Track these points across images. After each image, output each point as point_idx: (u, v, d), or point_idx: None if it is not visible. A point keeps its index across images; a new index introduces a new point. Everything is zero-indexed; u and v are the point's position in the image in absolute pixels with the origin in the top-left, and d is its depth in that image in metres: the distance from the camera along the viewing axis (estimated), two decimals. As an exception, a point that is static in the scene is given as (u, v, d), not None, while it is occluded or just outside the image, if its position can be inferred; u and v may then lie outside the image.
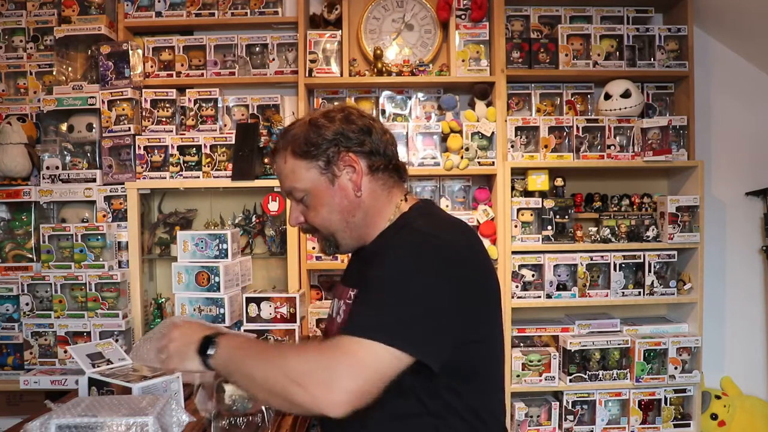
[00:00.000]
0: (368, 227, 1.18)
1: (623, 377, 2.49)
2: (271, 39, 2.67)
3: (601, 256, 2.52)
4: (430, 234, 1.06)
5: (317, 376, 0.91)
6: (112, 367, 1.43)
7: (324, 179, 1.15)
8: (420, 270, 1.01)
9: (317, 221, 1.18)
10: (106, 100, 2.55)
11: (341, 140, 1.13)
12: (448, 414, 1.06)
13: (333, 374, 0.91)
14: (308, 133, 1.14)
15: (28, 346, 2.43)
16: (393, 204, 1.19)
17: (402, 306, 0.98)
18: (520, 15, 2.74)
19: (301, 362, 0.94)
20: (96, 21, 2.59)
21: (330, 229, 1.18)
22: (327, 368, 0.92)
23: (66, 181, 2.55)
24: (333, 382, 0.90)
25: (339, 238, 1.19)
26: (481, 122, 2.58)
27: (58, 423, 1.06)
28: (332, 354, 0.94)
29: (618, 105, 2.56)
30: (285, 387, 0.93)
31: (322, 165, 1.14)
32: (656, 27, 2.65)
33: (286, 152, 1.16)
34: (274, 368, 0.95)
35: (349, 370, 0.92)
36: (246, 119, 2.69)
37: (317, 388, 0.91)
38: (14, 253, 2.55)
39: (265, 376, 0.96)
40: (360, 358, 0.92)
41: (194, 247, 2.13)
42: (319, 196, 1.15)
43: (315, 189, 1.15)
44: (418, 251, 1.03)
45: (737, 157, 2.83)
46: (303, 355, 0.96)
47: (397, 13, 2.70)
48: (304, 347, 1.00)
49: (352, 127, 1.14)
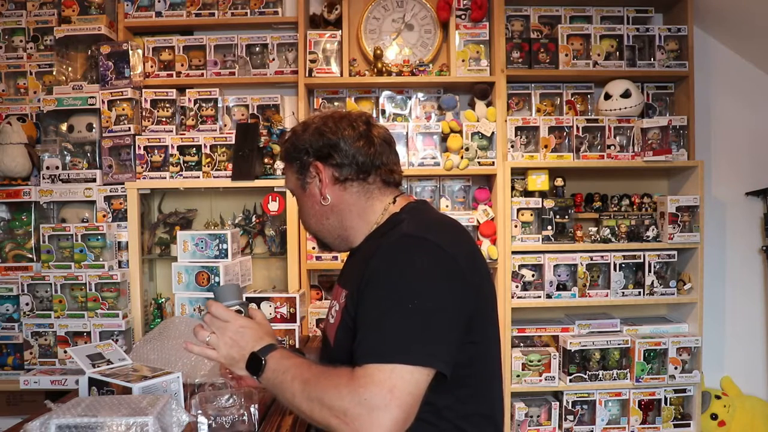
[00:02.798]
0: (347, 230, 1.22)
1: (623, 377, 2.49)
2: (271, 39, 2.67)
3: (601, 256, 2.52)
4: (419, 237, 1.05)
5: (356, 411, 0.93)
6: (112, 367, 1.42)
7: (299, 184, 1.23)
8: (416, 279, 1.01)
9: (302, 221, 1.31)
10: (106, 100, 2.55)
11: (309, 150, 1.19)
12: (440, 420, 1.05)
13: (370, 409, 0.92)
14: (291, 139, 1.24)
15: (28, 346, 2.43)
16: (377, 207, 1.21)
17: (411, 321, 0.98)
18: (520, 15, 2.74)
19: (338, 398, 0.95)
20: (96, 21, 2.59)
21: (311, 230, 1.28)
22: (362, 404, 0.93)
23: (66, 181, 2.55)
24: (372, 417, 0.92)
25: (321, 237, 1.27)
26: (481, 122, 2.58)
27: (58, 423, 1.06)
28: (364, 388, 0.94)
29: (618, 105, 2.56)
30: (328, 420, 0.96)
31: (296, 170, 1.23)
32: (656, 27, 2.65)
33: (285, 156, 1.26)
34: (315, 402, 0.98)
35: (383, 402, 0.92)
36: (246, 119, 2.69)
37: (358, 423, 0.92)
38: (14, 253, 2.55)
39: (310, 408, 0.99)
40: (390, 387, 0.93)
41: (194, 247, 2.13)
42: (298, 199, 1.27)
43: (295, 192, 1.26)
44: (411, 259, 1.02)
45: (737, 157, 2.83)
46: (338, 389, 0.96)
47: (397, 13, 2.70)
48: (337, 378, 0.98)
49: (322, 140, 1.18)
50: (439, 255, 1.03)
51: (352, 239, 1.23)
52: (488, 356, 1.14)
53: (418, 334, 0.97)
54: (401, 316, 0.98)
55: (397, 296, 0.99)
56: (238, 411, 1.25)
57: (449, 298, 1.01)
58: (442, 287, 1.01)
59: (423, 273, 1.01)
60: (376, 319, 1.00)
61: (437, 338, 0.98)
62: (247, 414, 1.26)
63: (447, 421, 1.06)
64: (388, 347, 0.96)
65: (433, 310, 0.99)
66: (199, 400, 1.24)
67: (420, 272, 1.01)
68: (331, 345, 1.15)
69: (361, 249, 1.21)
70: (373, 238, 1.18)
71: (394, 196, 1.22)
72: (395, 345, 0.96)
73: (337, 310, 1.16)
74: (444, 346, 0.99)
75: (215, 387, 1.38)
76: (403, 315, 0.98)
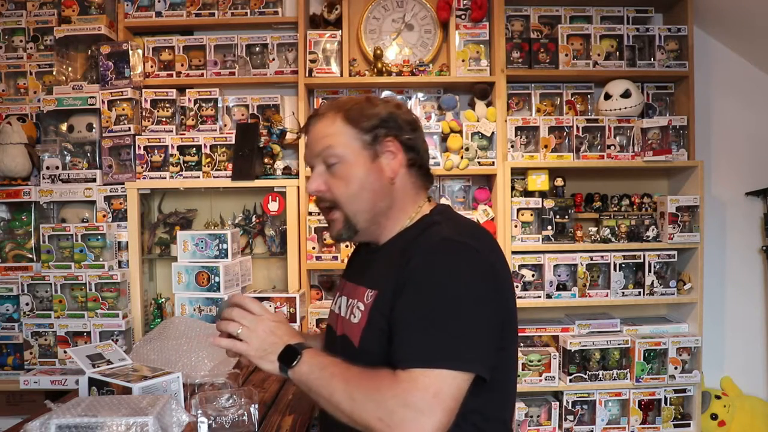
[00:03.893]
0: (389, 219, 1.17)
1: (623, 377, 2.49)
2: (271, 39, 2.67)
3: (601, 256, 2.52)
4: (461, 242, 1.05)
5: (399, 414, 0.92)
6: (112, 367, 1.42)
7: (365, 154, 1.13)
8: (461, 283, 1.01)
9: (343, 194, 1.14)
10: (106, 100, 2.55)
11: (391, 124, 1.14)
12: (464, 422, 1.04)
13: (415, 414, 0.92)
14: (364, 105, 1.15)
15: (28, 346, 2.43)
16: (416, 204, 1.19)
17: (455, 326, 0.98)
18: (520, 15, 2.74)
19: (381, 400, 0.94)
20: (96, 21, 2.59)
21: (353, 207, 1.14)
22: (407, 407, 0.93)
23: (66, 181, 2.55)
24: (415, 421, 0.92)
25: (360, 220, 1.15)
26: (481, 122, 2.58)
27: (58, 423, 1.06)
28: (409, 392, 0.94)
29: (618, 105, 2.56)
30: (369, 422, 0.95)
31: (368, 139, 1.13)
32: (656, 27, 2.65)
33: (337, 115, 1.15)
34: (357, 402, 0.97)
35: (428, 406, 0.92)
36: (246, 119, 2.69)
37: (401, 427, 0.92)
38: (14, 253, 2.55)
39: (350, 408, 0.97)
40: (435, 391, 0.93)
41: (194, 247, 2.13)
42: (354, 169, 1.13)
43: (353, 160, 1.13)
44: (454, 263, 1.03)
45: (737, 157, 2.83)
46: (381, 391, 0.95)
47: (397, 13, 2.70)
48: (380, 380, 0.97)
49: (403, 117, 1.16)
50: (479, 261, 1.04)
51: (385, 231, 1.18)
52: (512, 362, 1.15)
53: (462, 339, 0.98)
54: (445, 320, 0.98)
55: (440, 300, 0.99)
56: (238, 411, 1.25)
57: (489, 304, 1.02)
58: (483, 293, 1.02)
59: (466, 278, 1.01)
60: (419, 322, 1.00)
61: (479, 343, 0.99)
62: (247, 414, 1.26)
63: (471, 425, 1.06)
64: (432, 351, 0.96)
65: (475, 316, 1.00)
66: (199, 400, 1.24)
67: (463, 277, 1.01)
68: (356, 345, 1.11)
69: (386, 247, 1.18)
70: (402, 237, 1.16)
71: (427, 198, 1.23)
72: (439, 349, 0.96)
73: (362, 309, 1.12)
74: (485, 351, 1.00)
75: (215, 387, 1.38)
76: (446, 319, 0.98)
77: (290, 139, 2.59)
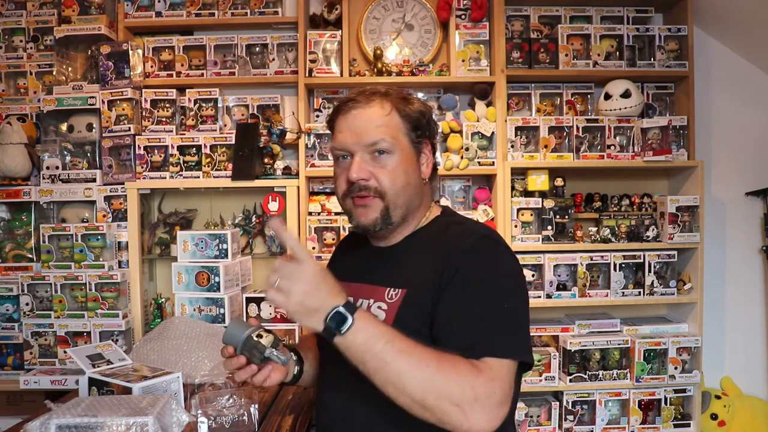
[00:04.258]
0: (414, 218, 1.21)
1: (623, 377, 2.49)
2: (271, 39, 2.67)
3: (601, 256, 2.52)
4: (497, 240, 1.12)
5: (480, 403, 0.92)
6: (112, 367, 1.43)
7: (413, 151, 1.18)
8: (507, 279, 1.07)
9: (391, 185, 1.14)
10: (106, 100, 2.55)
11: (432, 127, 1.22)
12: None
13: (492, 402, 0.93)
14: (411, 101, 1.20)
15: (28, 346, 2.43)
16: (429, 205, 1.24)
17: (510, 319, 1.03)
18: (520, 15, 2.74)
19: (465, 386, 0.93)
20: (96, 21, 2.59)
21: (396, 200, 1.14)
22: (488, 395, 0.93)
23: (66, 181, 2.55)
24: (492, 410, 0.93)
25: (397, 214, 1.15)
26: (481, 122, 2.58)
27: (58, 423, 1.06)
28: (494, 382, 0.95)
29: (618, 105, 2.56)
30: (442, 406, 0.92)
31: (413, 137, 1.18)
32: (656, 27, 2.65)
33: (391, 104, 1.17)
34: (434, 384, 0.93)
35: (503, 395, 0.95)
36: (246, 119, 2.69)
37: (477, 415, 0.92)
38: (14, 253, 2.55)
39: (424, 390, 0.93)
40: (508, 381, 0.96)
41: (194, 247, 2.13)
42: (403, 163, 1.15)
43: (404, 155, 1.16)
44: (499, 260, 1.08)
45: (737, 157, 2.83)
46: (465, 377, 0.94)
47: (397, 13, 2.70)
48: (458, 365, 0.95)
49: (435, 122, 1.25)
50: (513, 257, 1.12)
51: (401, 229, 1.20)
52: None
53: (517, 330, 1.03)
54: (502, 313, 1.02)
55: (494, 295, 1.04)
56: (238, 411, 1.25)
57: (526, 298, 1.11)
58: (522, 288, 1.11)
59: (510, 274, 1.08)
60: (480, 315, 1.02)
61: (527, 334, 1.07)
62: (247, 414, 1.26)
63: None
64: (500, 343, 1.00)
65: (521, 309, 1.06)
66: (199, 400, 1.24)
67: (508, 273, 1.08)
68: None
69: (402, 246, 1.20)
70: (417, 237, 1.19)
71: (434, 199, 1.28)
72: (504, 341, 1.00)
73: (385, 309, 1.12)
74: (530, 342, 1.08)
75: (215, 387, 1.38)
76: (503, 313, 1.02)
77: (290, 139, 2.59)
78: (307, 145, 2.55)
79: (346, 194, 1.17)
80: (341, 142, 1.16)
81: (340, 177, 1.18)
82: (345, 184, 1.16)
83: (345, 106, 1.19)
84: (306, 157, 2.55)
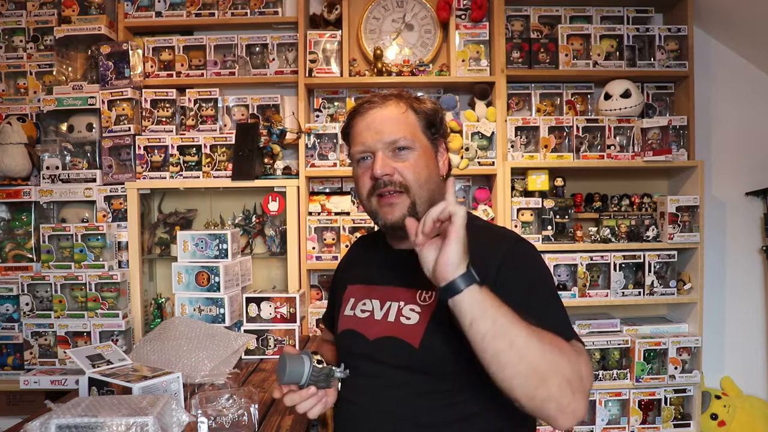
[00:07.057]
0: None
1: (623, 377, 2.49)
2: (271, 39, 2.67)
3: (601, 256, 2.52)
4: (527, 241, 1.17)
5: (583, 383, 0.92)
6: (112, 367, 1.42)
7: (431, 146, 1.22)
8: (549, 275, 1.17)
9: (415, 180, 1.15)
10: (106, 100, 2.55)
11: (444, 126, 1.25)
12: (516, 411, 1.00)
13: (588, 385, 0.94)
14: (429, 102, 1.24)
15: (28, 346, 2.43)
16: None
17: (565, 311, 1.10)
18: (520, 15, 2.74)
19: (574, 363, 0.92)
20: (96, 21, 2.59)
21: (421, 194, 1.15)
22: (589, 376, 0.95)
23: (66, 181, 2.55)
24: (587, 395, 0.93)
25: (422, 209, 1.13)
26: (481, 122, 2.58)
27: (58, 423, 1.06)
28: (587, 361, 0.97)
29: (618, 105, 2.56)
30: (552, 381, 0.88)
31: (429, 134, 1.21)
32: (656, 27, 2.65)
33: (406, 103, 1.21)
34: (546, 357, 0.89)
35: (591, 381, 0.96)
36: (246, 119, 2.69)
37: (579, 397, 0.90)
38: (14, 253, 2.55)
39: (538, 360, 0.88)
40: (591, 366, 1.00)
41: (194, 247, 2.13)
42: (423, 159, 1.18)
43: (424, 149, 1.19)
44: (539, 258, 1.15)
45: (737, 157, 2.83)
46: (570, 355, 0.93)
47: (397, 13, 2.70)
48: (561, 343, 0.94)
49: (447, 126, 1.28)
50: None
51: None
52: None
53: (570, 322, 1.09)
54: (559, 307, 1.09)
55: (549, 290, 1.11)
56: (238, 411, 1.25)
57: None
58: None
59: (549, 273, 1.17)
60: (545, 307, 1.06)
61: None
62: (247, 414, 1.26)
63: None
64: (572, 331, 1.05)
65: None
66: (199, 400, 1.24)
67: (548, 269, 1.16)
68: (416, 346, 1.10)
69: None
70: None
71: None
72: (572, 330, 1.06)
73: (418, 311, 1.12)
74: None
75: (215, 387, 1.38)
76: (560, 307, 1.09)
77: (290, 139, 2.59)
78: (307, 145, 2.55)
79: (371, 193, 1.17)
80: (362, 142, 1.18)
81: (363, 176, 1.19)
82: (369, 181, 1.17)
83: (361, 108, 1.21)
84: (306, 157, 2.55)
